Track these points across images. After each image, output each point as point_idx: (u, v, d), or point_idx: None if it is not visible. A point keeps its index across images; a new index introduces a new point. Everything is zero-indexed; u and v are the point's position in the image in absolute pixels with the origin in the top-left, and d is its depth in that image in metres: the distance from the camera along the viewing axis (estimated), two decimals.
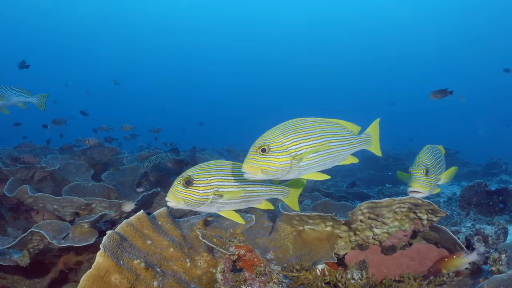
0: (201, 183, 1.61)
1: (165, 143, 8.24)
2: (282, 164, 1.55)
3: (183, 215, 3.17)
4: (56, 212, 2.93)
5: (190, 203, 1.60)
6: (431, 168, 2.00)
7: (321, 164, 1.69)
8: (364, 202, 1.95)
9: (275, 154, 1.54)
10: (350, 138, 1.78)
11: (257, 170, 1.53)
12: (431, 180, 1.98)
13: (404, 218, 2.07)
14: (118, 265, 1.41)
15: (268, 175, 1.56)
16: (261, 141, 1.56)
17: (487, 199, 3.89)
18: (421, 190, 1.96)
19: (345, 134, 1.77)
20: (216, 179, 1.64)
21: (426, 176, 1.98)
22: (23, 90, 3.53)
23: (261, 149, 1.54)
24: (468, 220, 3.57)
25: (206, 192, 1.61)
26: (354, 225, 2.07)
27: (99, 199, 2.94)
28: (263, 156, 1.53)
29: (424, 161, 2.03)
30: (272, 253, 2.06)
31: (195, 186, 1.60)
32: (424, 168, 1.99)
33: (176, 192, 1.60)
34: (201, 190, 1.61)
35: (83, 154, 4.49)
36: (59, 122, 6.34)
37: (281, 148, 1.56)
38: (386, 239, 2.12)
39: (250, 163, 1.54)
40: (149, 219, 1.74)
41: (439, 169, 2.07)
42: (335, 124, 1.76)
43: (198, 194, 1.60)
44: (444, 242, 2.13)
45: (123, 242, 1.55)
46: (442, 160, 2.15)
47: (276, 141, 1.56)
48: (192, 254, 1.72)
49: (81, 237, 2.52)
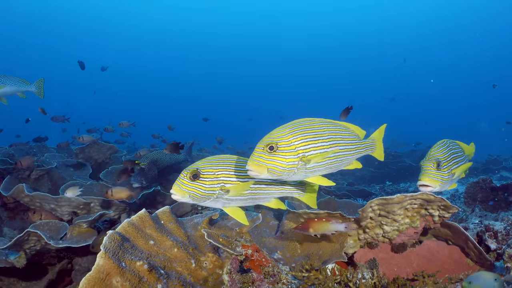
0: (208, 177, 1.53)
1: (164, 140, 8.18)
2: (290, 164, 1.48)
3: (184, 214, 3.10)
4: (53, 211, 2.86)
5: (196, 197, 1.52)
6: (444, 162, 1.92)
7: (328, 167, 1.62)
8: (375, 199, 1.87)
9: (283, 153, 1.47)
10: (357, 142, 1.73)
11: (263, 169, 1.45)
12: (443, 175, 1.90)
13: (415, 215, 2.00)
14: (119, 267, 1.34)
15: (273, 175, 1.48)
16: (269, 139, 1.48)
17: (492, 195, 3.83)
18: (430, 184, 1.88)
19: (352, 138, 1.71)
20: (224, 174, 1.56)
21: (437, 170, 1.91)
22: (22, 79, 3.48)
23: (268, 146, 1.46)
24: (474, 217, 3.51)
25: (213, 186, 1.54)
26: (364, 222, 2.00)
27: (97, 198, 2.87)
28: (270, 155, 1.46)
29: (435, 155, 1.95)
30: (279, 252, 1.98)
31: (202, 180, 1.53)
32: (435, 161, 1.91)
33: (181, 185, 1.52)
34: (207, 185, 1.53)
35: (81, 153, 4.41)
36: (59, 119, 6.26)
37: (290, 148, 1.48)
38: (396, 236, 2.05)
39: (256, 161, 1.46)
40: (151, 218, 1.67)
41: (455, 164, 1.99)
42: (343, 128, 1.69)
43: (204, 189, 1.52)
44: (456, 239, 2.07)
45: (124, 242, 1.47)
46: (459, 156, 2.06)
47: (284, 140, 1.48)
48: (197, 254, 1.65)
49: (80, 237, 2.45)
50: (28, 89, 3.54)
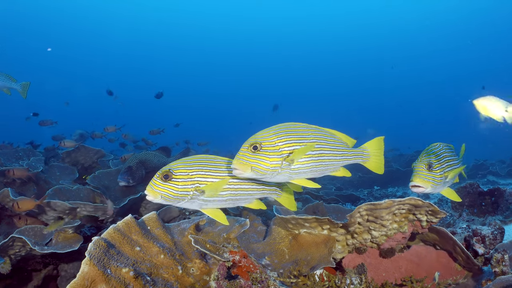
0: (181, 178, 1.52)
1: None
2: (273, 164, 1.52)
3: (171, 220, 3.08)
4: (39, 216, 2.82)
5: (168, 198, 1.50)
6: (436, 164, 1.93)
7: (313, 170, 1.65)
8: (363, 204, 1.87)
9: (267, 153, 1.51)
10: (343, 149, 1.75)
11: (247, 167, 1.48)
12: (435, 176, 1.91)
13: (403, 220, 2.00)
14: (105, 274, 1.32)
15: (257, 174, 1.51)
16: (253, 139, 1.53)
17: (479, 200, 3.85)
18: (422, 184, 1.88)
19: (338, 144, 1.73)
20: (198, 174, 1.54)
21: (429, 171, 1.91)
22: (9, 76, 3.45)
23: (252, 146, 1.50)
24: (461, 221, 3.52)
25: (186, 187, 1.51)
26: (352, 227, 1.99)
27: (84, 203, 2.84)
28: (254, 154, 1.50)
29: (428, 157, 1.96)
30: (267, 258, 1.97)
31: (174, 180, 1.51)
32: (427, 163, 1.92)
33: (154, 186, 1.51)
34: (180, 185, 1.51)
35: (68, 157, 4.37)
36: (47, 123, 6.21)
37: (274, 148, 1.52)
38: (384, 241, 2.04)
39: (240, 160, 1.50)
40: (137, 224, 1.65)
41: (448, 167, 1.99)
42: (329, 134, 1.73)
43: (176, 189, 1.50)
44: (443, 243, 2.07)
45: (110, 249, 1.45)
46: (453, 159, 2.06)
47: (268, 141, 1.53)
48: (184, 260, 1.63)
49: (65, 243, 2.42)
50: (13, 87, 3.53)
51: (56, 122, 6.20)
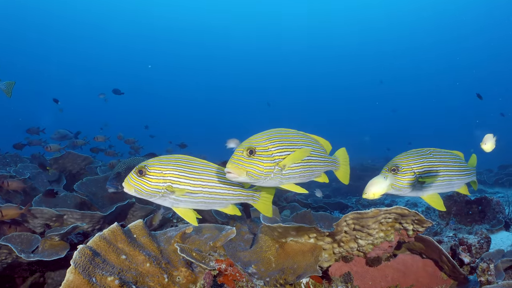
0: (154, 175, 1.57)
1: None
2: (267, 169, 1.54)
3: (157, 228, 3.06)
4: (25, 223, 2.79)
5: (141, 192, 1.57)
6: (406, 168, 1.91)
7: (301, 175, 1.69)
8: (349, 213, 1.88)
9: (261, 158, 1.54)
10: (325, 155, 1.83)
11: (242, 171, 1.51)
12: (401, 180, 1.91)
13: (389, 229, 2.01)
14: (90, 283, 1.31)
15: (251, 178, 1.53)
16: (248, 143, 1.55)
17: (466, 209, 3.88)
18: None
19: (321, 151, 1.81)
20: (172, 173, 1.58)
21: (392, 174, 1.91)
22: None
23: (248, 150, 1.53)
24: (448, 230, 3.55)
25: (158, 185, 1.56)
26: (339, 236, 2.00)
27: (71, 210, 2.82)
28: (249, 158, 1.52)
29: (396, 160, 1.95)
30: (254, 266, 1.96)
31: (147, 176, 1.56)
32: (391, 166, 1.93)
33: (130, 179, 1.57)
34: (152, 182, 1.56)
35: (55, 163, 4.34)
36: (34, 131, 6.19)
37: (267, 153, 1.55)
38: (371, 250, 2.05)
39: (235, 164, 1.51)
40: (123, 232, 1.64)
41: (428, 173, 1.96)
42: (314, 140, 1.79)
43: (148, 185, 1.56)
44: (430, 252, 2.08)
45: (95, 257, 1.44)
46: (441, 165, 2.01)
47: (262, 146, 1.56)
48: (169, 269, 1.62)
49: (52, 251, 2.40)
50: None
51: (43, 130, 6.17)
